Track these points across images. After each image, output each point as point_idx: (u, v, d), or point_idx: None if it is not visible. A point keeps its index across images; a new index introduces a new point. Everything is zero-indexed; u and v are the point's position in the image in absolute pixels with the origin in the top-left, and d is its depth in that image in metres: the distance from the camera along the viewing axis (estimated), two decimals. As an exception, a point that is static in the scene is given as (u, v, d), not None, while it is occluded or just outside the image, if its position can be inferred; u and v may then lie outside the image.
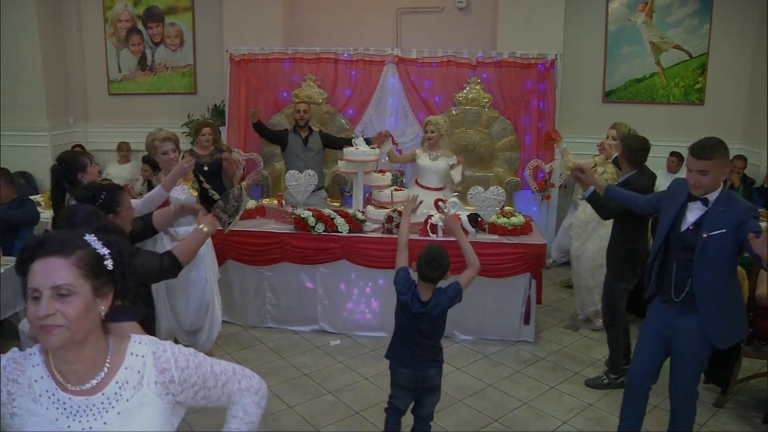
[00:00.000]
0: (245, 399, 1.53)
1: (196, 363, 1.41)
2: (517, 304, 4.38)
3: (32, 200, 4.90)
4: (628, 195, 3.22)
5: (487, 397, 3.72)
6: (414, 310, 2.82)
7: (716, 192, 2.64)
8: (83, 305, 1.24)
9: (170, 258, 2.51)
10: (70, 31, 7.22)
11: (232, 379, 1.50)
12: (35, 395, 1.28)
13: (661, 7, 6.41)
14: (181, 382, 1.37)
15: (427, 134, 5.00)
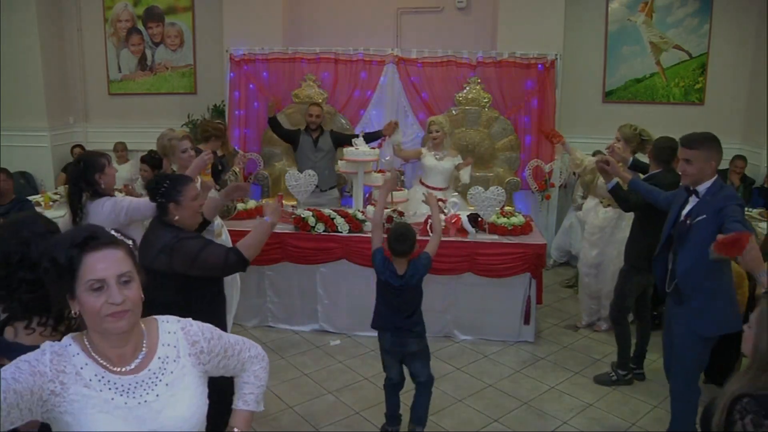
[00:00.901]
0: (255, 366, 1.70)
1: (218, 334, 1.58)
2: (517, 304, 4.38)
3: (31, 201, 4.89)
4: (651, 189, 3.36)
5: (487, 397, 3.72)
6: (394, 284, 3.02)
7: (707, 183, 2.80)
8: (139, 289, 1.38)
9: (236, 254, 2.50)
10: (70, 31, 7.22)
11: (243, 348, 1.67)
12: (86, 381, 1.34)
13: (661, 7, 6.40)
14: (209, 352, 1.53)
15: (432, 134, 5.00)
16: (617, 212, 4.36)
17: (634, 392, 3.77)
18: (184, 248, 2.46)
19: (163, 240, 2.48)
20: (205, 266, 2.47)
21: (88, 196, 3.06)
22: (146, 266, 2.31)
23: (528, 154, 5.91)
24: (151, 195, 2.59)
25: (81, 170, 3.06)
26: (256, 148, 6.13)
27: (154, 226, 2.60)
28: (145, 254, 2.40)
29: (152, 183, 2.60)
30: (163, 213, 2.57)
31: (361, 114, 6.06)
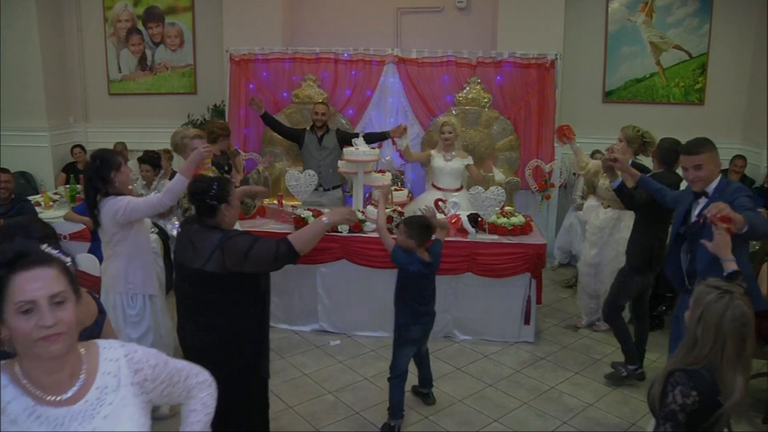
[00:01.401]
0: (202, 392, 1.61)
1: (164, 360, 1.49)
2: (517, 304, 4.38)
3: (30, 202, 4.89)
4: (660, 188, 3.39)
5: (487, 397, 3.72)
6: (426, 272, 3.24)
7: (715, 183, 2.89)
8: (75, 309, 1.29)
9: (286, 245, 2.49)
10: (70, 31, 7.22)
11: (190, 374, 1.58)
12: (12, 418, 1.24)
13: (661, 7, 6.41)
14: (153, 380, 1.44)
15: (445, 135, 5.00)
16: (617, 213, 4.36)
17: (634, 392, 3.77)
18: (235, 246, 2.48)
19: (213, 242, 2.49)
20: (258, 260, 2.48)
21: (102, 194, 3.07)
22: (197, 269, 2.43)
23: (528, 154, 5.90)
24: (198, 199, 2.56)
25: (97, 168, 3.06)
26: (256, 148, 6.13)
27: (197, 231, 2.58)
28: (194, 259, 2.50)
29: (198, 187, 2.57)
30: (211, 215, 2.57)
31: (361, 114, 6.05)
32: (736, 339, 1.82)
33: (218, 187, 2.57)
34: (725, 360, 1.82)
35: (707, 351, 1.84)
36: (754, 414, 3.53)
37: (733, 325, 1.81)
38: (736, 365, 1.83)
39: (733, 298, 1.83)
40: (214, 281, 2.48)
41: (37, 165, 6.93)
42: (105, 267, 3.24)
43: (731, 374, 1.82)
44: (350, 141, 5.33)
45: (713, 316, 1.82)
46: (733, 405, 1.82)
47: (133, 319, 3.21)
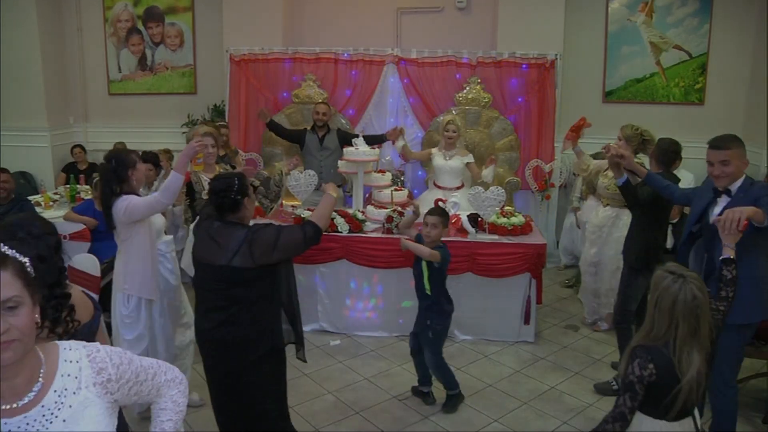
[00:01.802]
0: (172, 390, 1.57)
1: (128, 359, 1.44)
2: (517, 304, 4.38)
3: (30, 202, 4.88)
4: (668, 185, 3.34)
5: (487, 397, 3.72)
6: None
7: (739, 182, 2.83)
8: (30, 314, 1.22)
9: (311, 226, 2.63)
10: (70, 31, 7.22)
11: (159, 372, 1.54)
12: None
13: (661, 7, 6.40)
14: (117, 380, 1.39)
15: (449, 133, 4.99)
16: (615, 211, 4.36)
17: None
18: (262, 238, 2.54)
19: (238, 237, 2.54)
20: (287, 247, 2.57)
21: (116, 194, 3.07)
22: (222, 266, 2.54)
23: (528, 154, 5.90)
24: (222, 195, 2.60)
25: (114, 169, 3.05)
26: (256, 148, 6.14)
27: (220, 228, 2.62)
28: (218, 255, 2.55)
29: (222, 184, 2.61)
30: (234, 210, 2.62)
31: (361, 114, 6.05)
32: (690, 320, 1.94)
33: (239, 181, 2.63)
34: (680, 339, 1.95)
35: (663, 332, 1.98)
36: (754, 414, 3.53)
37: (686, 307, 1.93)
38: (691, 343, 1.95)
39: (686, 282, 1.95)
40: (239, 276, 2.54)
41: (37, 165, 6.92)
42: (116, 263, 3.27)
43: (687, 352, 1.95)
44: (350, 142, 5.34)
45: (667, 300, 1.96)
46: (690, 381, 1.93)
47: (126, 320, 3.19)
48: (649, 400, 2.02)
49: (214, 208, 2.66)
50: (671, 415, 2.02)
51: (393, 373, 4.01)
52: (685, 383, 1.94)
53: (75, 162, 6.83)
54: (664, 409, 2.01)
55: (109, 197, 3.06)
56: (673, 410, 1.99)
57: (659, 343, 1.99)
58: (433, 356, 3.51)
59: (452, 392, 3.58)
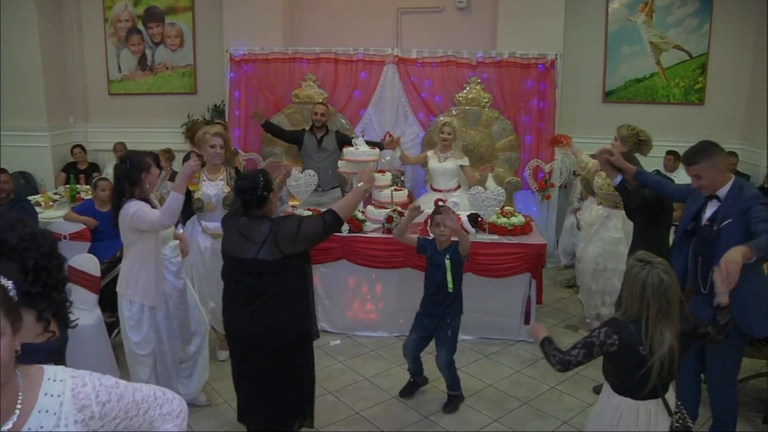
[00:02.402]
0: (167, 425, 1.45)
1: (117, 395, 1.32)
2: (517, 304, 4.38)
3: (30, 201, 4.88)
4: (659, 180, 3.32)
5: (487, 397, 3.72)
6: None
7: (726, 186, 2.81)
8: (9, 345, 1.12)
9: (331, 215, 2.74)
10: (70, 31, 7.22)
11: (153, 405, 1.43)
12: None
13: (661, 7, 6.40)
14: (102, 417, 1.27)
15: (444, 135, 5.00)
16: (607, 211, 4.39)
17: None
18: (286, 229, 2.68)
19: (264, 230, 2.69)
20: (309, 237, 2.71)
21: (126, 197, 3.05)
22: (250, 259, 2.67)
23: (528, 154, 5.90)
24: (250, 193, 2.70)
25: (127, 170, 3.04)
26: (256, 148, 6.13)
27: (246, 223, 2.74)
28: (246, 249, 2.69)
29: (250, 182, 2.71)
30: (261, 205, 2.74)
31: (361, 114, 6.05)
32: (659, 300, 2.12)
33: (264, 178, 2.75)
34: (651, 318, 2.13)
35: (635, 312, 2.17)
36: (754, 414, 3.53)
37: (654, 290, 2.12)
38: (663, 322, 2.13)
39: (653, 268, 2.14)
40: (266, 268, 2.67)
41: (37, 165, 6.92)
42: (121, 267, 3.27)
43: (659, 330, 2.13)
44: (350, 143, 5.33)
45: (637, 285, 2.15)
46: (661, 356, 2.10)
47: (130, 321, 3.20)
48: (616, 376, 2.27)
49: (241, 204, 2.77)
50: (644, 393, 2.18)
51: (393, 373, 4.00)
52: (657, 358, 2.10)
53: (75, 162, 6.83)
54: (636, 385, 2.18)
55: (119, 198, 3.06)
56: (647, 387, 2.15)
57: (631, 320, 2.18)
58: (450, 355, 3.48)
59: (455, 393, 3.58)
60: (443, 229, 3.38)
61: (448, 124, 5.04)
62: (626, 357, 2.17)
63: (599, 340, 2.19)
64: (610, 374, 2.31)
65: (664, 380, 2.19)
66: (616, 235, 4.31)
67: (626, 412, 2.24)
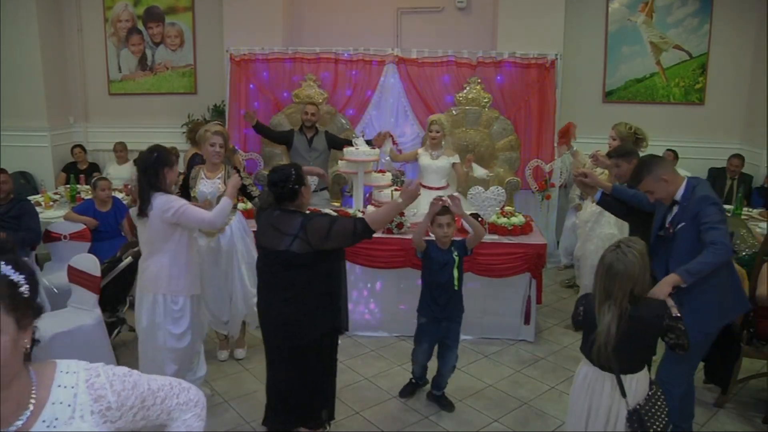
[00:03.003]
0: (186, 414, 1.44)
1: (132, 383, 1.31)
2: (517, 304, 4.38)
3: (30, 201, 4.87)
4: (635, 194, 3.32)
5: (487, 397, 3.72)
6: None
7: (680, 191, 2.85)
8: (11, 343, 1.09)
9: (362, 224, 2.78)
10: (71, 31, 7.23)
11: (170, 394, 1.41)
12: None
13: (661, 7, 6.41)
14: (119, 407, 1.26)
15: (432, 133, 5.00)
16: (599, 207, 4.39)
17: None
18: (317, 225, 2.75)
19: (296, 224, 2.76)
20: (338, 237, 2.76)
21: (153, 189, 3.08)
22: (283, 251, 2.76)
23: (528, 154, 5.90)
24: (282, 186, 2.79)
25: (153, 160, 3.07)
26: (256, 148, 6.14)
27: (279, 216, 2.82)
28: (279, 242, 2.77)
29: (281, 175, 2.80)
30: (292, 198, 2.83)
31: (361, 114, 6.06)
32: (605, 281, 2.32)
33: (296, 171, 2.84)
34: (598, 294, 2.35)
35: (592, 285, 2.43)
36: (754, 414, 3.53)
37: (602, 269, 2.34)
38: (606, 302, 2.32)
39: (616, 252, 2.32)
40: (297, 261, 2.74)
41: (37, 165, 6.92)
42: (145, 265, 3.24)
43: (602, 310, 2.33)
44: (338, 144, 5.32)
45: (602, 264, 2.36)
46: (599, 333, 2.32)
47: (176, 315, 3.24)
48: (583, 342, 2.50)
49: (274, 197, 2.85)
50: (593, 360, 2.41)
51: (393, 373, 4.01)
52: (597, 333, 2.33)
53: (75, 162, 6.83)
54: (588, 349, 2.42)
55: (147, 188, 3.06)
56: (592, 354, 2.38)
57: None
58: (455, 353, 3.51)
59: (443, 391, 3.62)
60: (446, 230, 3.35)
61: (436, 122, 5.04)
62: (586, 326, 2.46)
63: (576, 312, 2.52)
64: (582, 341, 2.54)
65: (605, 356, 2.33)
66: (610, 231, 4.31)
67: (593, 381, 2.45)
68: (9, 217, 4.44)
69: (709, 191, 2.82)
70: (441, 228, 3.36)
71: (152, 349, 3.27)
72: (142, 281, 3.25)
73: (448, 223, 3.35)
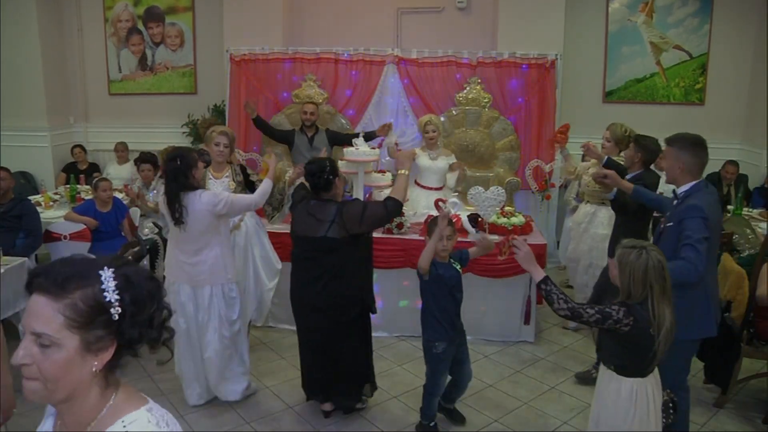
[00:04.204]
0: None
1: None
2: (517, 304, 4.38)
3: (31, 201, 4.87)
4: (656, 197, 3.32)
5: (487, 397, 3.72)
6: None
7: (685, 186, 2.79)
8: (63, 361, 1.01)
9: (392, 201, 3.06)
10: (71, 31, 7.22)
11: None
12: None
13: (662, 7, 6.40)
14: None
15: (429, 134, 5.01)
16: (594, 207, 4.44)
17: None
18: (352, 211, 3.03)
19: (332, 212, 3.03)
20: (373, 219, 3.05)
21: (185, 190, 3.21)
22: (321, 237, 3.01)
23: (528, 155, 5.90)
24: (318, 176, 3.05)
25: (180, 168, 3.17)
26: (256, 148, 6.13)
27: (316, 205, 3.09)
28: (317, 229, 3.04)
29: (317, 167, 3.07)
30: (327, 188, 3.10)
31: (362, 114, 6.05)
32: (660, 281, 2.22)
33: (331, 164, 3.10)
34: (656, 298, 2.21)
35: (638, 296, 2.24)
36: (754, 414, 3.53)
37: (655, 271, 2.21)
38: (663, 300, 2.22)
39: (648, 251, 2.23)
40: (334, 245, 2.96)
41: (37, 165, 6.92)
42: (194, 261, 3.32)
43: (662, 308, 2.21)
44: (340, 141, 5.34)
45: (637, 270, 2.22)
46: (666, 332, 2.20)
47: (231, 301, 3.42)
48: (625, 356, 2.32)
49: (311, 187, 3.12)
50: (650, 369, 2.31)
51: (393, 373, 4.01)
52: (663, 334, 2.20)
53: (75, 162, 6.83)
54: (643, 364, 2.29)
55: (177, 193, 3.18)
56: (653, 364, 2.28)
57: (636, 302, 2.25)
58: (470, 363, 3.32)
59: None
60: (447, 243, 3.05)
61: (431, 122, 5.06)
62: (638, 337, 2.24)
63: (617, 316, 2.23)
64: (617, 355, 2.34)
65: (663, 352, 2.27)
66: (603, 231, 4.32)
67: (640, 391, 2.32)
68: (10, 217, 4.45)
69: (703, 202, 2.67)
70: (441, 240, 3.04)
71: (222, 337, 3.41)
72: (196, 278, 3.33)
73: (448, 236, 3.07)
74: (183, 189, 3.19)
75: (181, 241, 3.32)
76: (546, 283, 2.39)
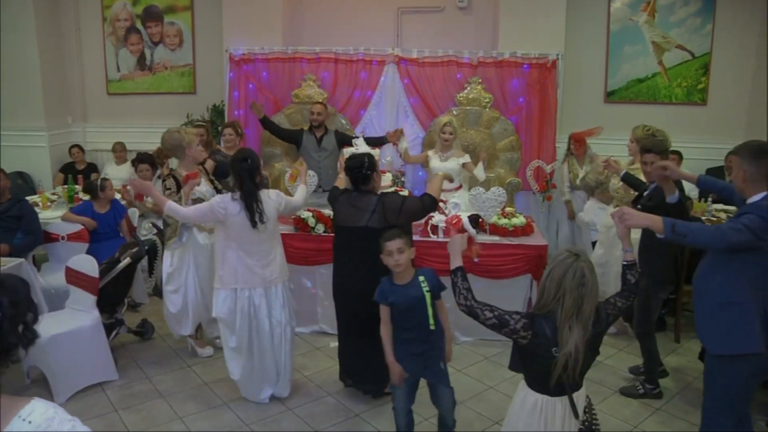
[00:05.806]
0: None
1: None
2: (518, 305, 4.34)
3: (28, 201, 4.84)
4: (725, 186, 3.20)
5: (488, 399, 3.70)
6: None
7: (755, 197, 2.56)
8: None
9: (429, 197, 3.30)
10: (69, 30, 7.20)
11: None
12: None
13: (664, 6, 6.37)
14: None
15: (445, 135, 5.00)
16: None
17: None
18: (390, 203, 3.25)
19: (372, 202, 3.25)
20: (410, 212, 3.26)
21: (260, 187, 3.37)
22: (362, 227, 3.22)
23: (529, 155, 5.87)
24: (357, 171, 3.26)
25: (252, 166, 3.31)
26: (256, 148, 6.10)
27: (357, 196, 3.30)
28: (358, 218, 3.25)
29: (356, 162, 3.27)
30: (366, 182, 3.29)
31: (361, 114, 6.03)
32: (575, 295, 2.08)
33: (369, 160, 3.29)
34: (564, 311, 2.09)
35: (550, 300, 2.13)
36: (756, 417, 3.49)
37: (573, 282, 2.08)
38: (573, 319, 2.08)
39: (578, 261, 2.11)
40: (375, 234, 3.03)
41: (35, 165, 6.90)
42: (267, 261, 3.42)
43: (569, 326, 2.08)
44: (349, 142, 5.31)
45: (559, 271, 2.12)
46: (566, 354, 2.07)
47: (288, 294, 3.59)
48: (527, 367, 2.24)
49: (351, 181, 3.33)
50: (550, 388, 2.16)
51: (393, 375, 3.97)
52: (562, 355, 2.08)
53: (73, 162, 6.80)
54: (545, 381, 2.15)
55: (256, 194, 3.31)
56: (551, 380, 2.11)
57: (545, 311, 2.15)
58: (452, 392, 2.99)
59: None
60: (398, 258, 2.75)
61: (449, 124, 5.04)
62: (536, 354, 2.15)
63: (514, 326, 2.14)
64: (522, 364, 2.26)
65: (570, 379, 2.13)
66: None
67: (546, 409, 2.20)
68: (9, 217, 4.42)
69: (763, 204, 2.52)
70: (391, 256, 2.77)
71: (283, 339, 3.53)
72: (269, 278, 3.42)
73: (399, 249, 2.76)
74: (259, 188, 3.33)
75: (251, 244, 3.34)
76: (455, 274, 2.36)
